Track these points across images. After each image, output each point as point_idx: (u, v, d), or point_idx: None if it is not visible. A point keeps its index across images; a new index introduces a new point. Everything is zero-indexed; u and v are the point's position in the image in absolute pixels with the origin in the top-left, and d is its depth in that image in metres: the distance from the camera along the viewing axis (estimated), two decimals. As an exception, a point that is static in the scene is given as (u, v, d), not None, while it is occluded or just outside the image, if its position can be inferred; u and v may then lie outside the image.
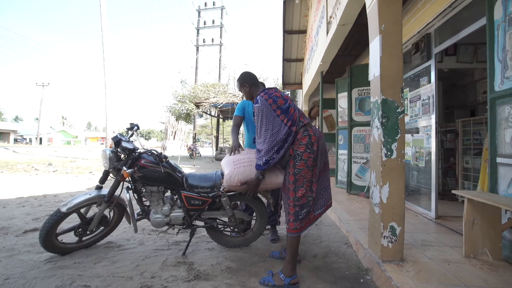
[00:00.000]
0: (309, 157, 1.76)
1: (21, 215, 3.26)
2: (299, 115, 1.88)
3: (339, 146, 5.12)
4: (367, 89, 4.41)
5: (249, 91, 2.06)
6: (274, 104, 1.82)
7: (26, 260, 2.02)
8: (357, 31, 4.21)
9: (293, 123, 1.81)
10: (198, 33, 19.57)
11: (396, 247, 1.82)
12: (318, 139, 1.81)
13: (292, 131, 1.79)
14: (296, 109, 1.91)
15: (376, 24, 1.90)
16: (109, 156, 2.07)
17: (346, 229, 2.65)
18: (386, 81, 1.87)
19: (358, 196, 4.26)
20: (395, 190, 1.83)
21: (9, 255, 2.09)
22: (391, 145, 1.84)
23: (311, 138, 1.78)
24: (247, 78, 2.09)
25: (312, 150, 1.77)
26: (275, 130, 1.78)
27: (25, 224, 2.90)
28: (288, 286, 1.68)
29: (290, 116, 1.81)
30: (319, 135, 1.85)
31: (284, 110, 1.82)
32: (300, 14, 6.19)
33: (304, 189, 1.75)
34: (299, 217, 1.74)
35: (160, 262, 2.00)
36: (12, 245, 2.30)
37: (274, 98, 1.84)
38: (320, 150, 1.82)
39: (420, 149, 3.22)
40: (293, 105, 1.92)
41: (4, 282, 1.69)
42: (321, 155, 1.84)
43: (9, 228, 2.73)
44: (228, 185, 1.93)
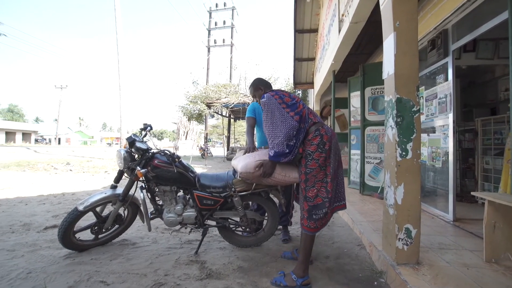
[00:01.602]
0: (320, 157, 1.74)
1: (42, 212, 3.40)
2: (308, 112, 1.86)
3: (351, 146, 5.03)
4: (380, 88, 4.31)
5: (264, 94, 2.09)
6: (279, 99, 1.85)
7: (47, 255, 2.10)
8: (370, 29, 4.13)
9: (302, 119, 1.80)
10: (209, 34, 19.76)
11: (411, 250, 1.77)
12: (330, 138, 1.79)
13: (301, 128, 1.78)
14: (306, 107, 1.90)
15: (390, 22, 1.86)
16: (124, 156, 2.13)
17: (359, 230, 2.60)
18: (401, 79, 1.82)
19: (371, 197, 4.17)
20: (411, 191, 1.78)
21: (31, 250, 2.19)
22: (406, 145, 1.80)
23: (322, 138, 1.76)
24: (263, 82, 2.20)
25: (324, 149, 1.75)
26: (281, 122, 1.78)
27: (45, 221, 3.02)
28: (300, 287, 1.67)
29: (299, 112, 1.81)
30: (332, 134, 1.82)
31: (290, 106, 1.83)
32: (312, 13, 6.13)
33: (315, 190, 1.74)
34: (313, 217, 1.72)
35: (173, 260, 2.04)
36: (33, 240, 2.40)
37: (281, 95, 1.87)
38: (333, 149, 1.80)
39: (436, 149, 3.12)
40: (302, 103, 1.92)
41: (27, 276, 1.77)
42: (335, 155, 1.81)
43: (31, 225, 2.86)
44: (245, 172, 1.92)
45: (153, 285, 1.69)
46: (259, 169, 1.90)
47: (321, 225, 1.75)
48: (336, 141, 1.86)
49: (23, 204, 3.82)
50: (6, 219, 3.05)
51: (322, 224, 1.75)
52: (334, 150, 1.80)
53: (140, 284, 1.69)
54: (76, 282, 1.70)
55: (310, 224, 1.72)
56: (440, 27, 2.93)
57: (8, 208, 3.57)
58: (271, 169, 1.90)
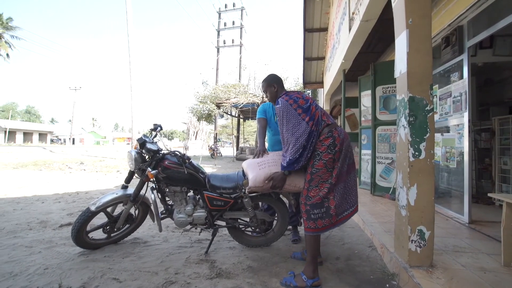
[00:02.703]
0: (329, 158, 1.73)
1: (57, 210, 3.51)
2: (321, 114, 1.85)
3: (362, 146, 4.96)
4: (392, 86, 4.23)
5: (276, 91, 2.10)
6: (295, 104, 1.84)
7: (62, 252, 2.17)
8: (381, 26, 4.06)
9: (315, 122, 1.79)
10: (219, 35, 19.88)
11: (425, 252, 1.73)
12: (342, 141, 1.76)
13: (313, 131, 1.76)
14: (319, 108, 1.89)
15: (403, 19, 1.82)
16: (135, 157, 2.16)
17: (370, 231, 2.56)
18: (414, 78, 1.78)
19: (382, 197, 4.10)
20: (424, 192, 1.74)
21: (48, 247, 2.26)
22: (419, 144, 1.75)
23: (335, 140, 1.74)
24: (277, 79, 2.15)
25: (334, 151, 1.73)
26: (297, 129, 1.78)
27: (60, 218, 3.11)
28: (310, 287, 1.66)
29: (312, 116, 1.80)
30: (344, 136, 1.80)
31: (305, 109, 1.82)
32: (321, 12, 6.07)
33: (318, 189, 1.73)
34: (312, 217, 1.72)
35: (183, 259, 2.06)
36: (50, 237, 2.48)
37: (295, 99, 1.86)
38: (344, 152, 1.77)
39: (451, 149, 3.03)
40: (315, 104, 1.91)
41: (44, 272, 1.83)
42: (345, 158, 1.79)
43: (47, 222, 2.95)
44: (254, 186, 1.93)
45: (164, 283, 1.71)
46: (269, 182, 1.91)
47: (322, 226, 1.72)
48: (349, 144, 1.83)
49: (40, 202, 3.95)
50: (25, 216, 3.17)
51: (323, 225, 1.71)
52: (344, 153, 1.77)
53: (151, 282, 1.72)
54: (90, 279, 1.75)
55: (310, 224, 1.73)
56: (455, 23, 2.85)
57: (26, 205, 3.70)
58: (282, 182, 1.89)
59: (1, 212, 3.33)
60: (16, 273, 1.81)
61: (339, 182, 1.77)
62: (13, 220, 3.01)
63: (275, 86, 2.11)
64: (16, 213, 3.29)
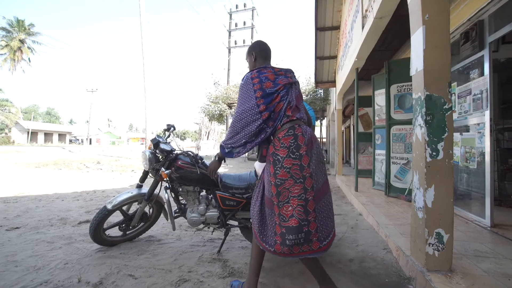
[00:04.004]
0: (293, 165, 1.38)
1: (76, 207, 3.65)
2: (286, 107, 1.50)
3: (376, 146, 4.85)
4: (407, 85, 4.11)
5: (254, 62, 1.73)
6: (258, 84, 1.52)
7: (81, 248, 2.25)
8: (396, 23, 3.95)
9: (270, 114, 1.47)
10: (230, 35, 20.00)
11: (443, 256, 1.67)
12: (308, 142, 1.43)
13: (267, 127, 1.48)
14: (285, 100, 1.53)
15: (419, 15, 1.77)
16: (149, 157, 2.21)
17: (385, 233, 2.50)
18: (431, 75, 1.72)
19: (397, 199, 3.99)
20: (442, 193, 1.68)
21: (68, 243, 2.35)
22: (437, 144, 1.70)
23: (297, 139, 1.41)
24: (257, 48, 1.74)
25: (298, 155, 1.39)
26: (248, 116, 1.49)
27: (79, 216, 3.23)
28: None
29: (271, 106, 1.48)
30: (311, 137, 1.47)
31: (266, 95, 1.49)
32: (333, 10, 5.98)
33: (290, 207, 1.36)
34: (287, 243, 1.35)
35: (196, 258, 2.09)
36: (69, 234, 2.58)
37: (262, 78, 1.54)
38: (315, 157, 1.44)
39: (470, 149, 2.92)
40: (286, 91, 1.55)
41: (64, 266, 1.91)
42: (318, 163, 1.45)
43: (67, 219, 3.07)
44: None
45: (177, 280, 1.74)
46: None
47: (299, 252, 1.37)
48: (319, 149, 1.50)
49: (60, 200, 4.12)
50: (46, 213, 3.31)
51: (300, 250, 1.36)
52: (315, 159, 1.44)
53: (165, 279, 1.76)
54: (107, 274, 1.80)
55: (284, 250, 1.37)
56: (475, 18, 2.73)
57: (47, 203, 3.87)
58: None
59: (25, 209, 3.50)
60: (39, 267, 1.90)
61: (320, 198, 1.42)
62: (36, 216, 3.16)
63: (254, 55, 1.73)
64: (38, 210, 3.45)
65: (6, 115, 33.05)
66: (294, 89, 1.62)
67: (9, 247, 2.25)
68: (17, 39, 33.12)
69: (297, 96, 1.62)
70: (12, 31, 33.41)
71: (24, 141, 34.99)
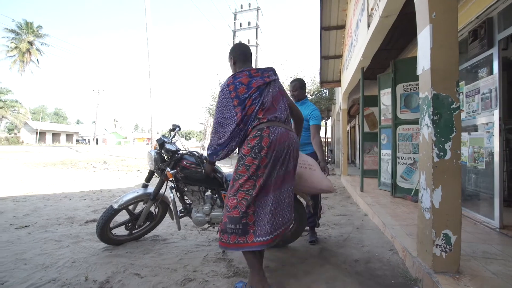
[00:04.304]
0: (252, 164, 1.46)
1: (83, 207, 3.70)
2: (258, 110, 1.56)
3: (382, 146, 4.81)
4: (414, 84, 4.06)
5: (234, 66, 1.78)
6: (233, 92, 1.58)
7: (88, 247, 2.28)
8: (402, 22, 3.91)
9: (243, 119, 1.55)
10: (235, 36, 20.03)
11: (451, 257, 1.64)
12: (272, 144, 1.48)
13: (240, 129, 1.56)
14: (257, 102, 1.57)
15: (426, 13, 1.74)
16: (154, 157, 2.23)
17: (391, 234, 2.48)
18: (438, 74, 1.70)
19: (404, 199, 3.95)
20: (449, 194, 1.65)
21: (75, 242, 2.39)
22: (444, 144, 1.67)
23: (261, 141, 1.47)
24: (235, 51, 1.79)
25: (259, 155, 1.46)
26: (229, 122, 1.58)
27: (86, 215, 3.28)
28: None
29: (244, 109, 1.55)
30: (279, 139, 1.50)
31: (241, 101, 1.56)
32: (338, 9, 5.95)
33: (235, 200, 1.47)
34: (227, 230, 1.47)
35: (201, 257, 2.10)
36: (77, 233, 2.62)
37: (237, 84, 1.60)
38: (274, 158, 1.49)
39: (479, 149, 2.87)
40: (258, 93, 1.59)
41: (71, 265, 1.94)
42: (275, 165, 1.50)
43: (74, 218, 3.12)
44: None
45: (183, 280, 1.75)
46: None
47: (234, 243, 1.45)
48: (289, 149, 1.54)
49: (67, 199, 4.18)
50: (54, 212, 3.36)
51: (236, 241, 1.45)
52: (274, 160, 1.49)
53: (171, 279, 1.77)
54: (114, 273, 1.82)
55: (223, 237, 1.48)
56: (484, 15, 2.69)
57: (55, 202, 3.93)
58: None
59: (33, 208, 3.56)
60: (48, 265, 1.93)
61: (264, 195, 1.49)
62: (44, 215, 3.21)
63: (233, 59, 1.78)
64: (46, 209, 3.51)
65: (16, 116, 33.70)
66: (272, 88, 1.65)
67: (18, 245, 2.29)
68: (26, 41, 33.76)
69: (274, 95, 1.65)
70: (21, 33, 34.07)
71: (33, 141, 35.63)
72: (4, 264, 1.94)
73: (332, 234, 2.73)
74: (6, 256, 2.07)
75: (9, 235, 2.53)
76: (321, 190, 1.99)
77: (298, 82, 2.64)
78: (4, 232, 2.60)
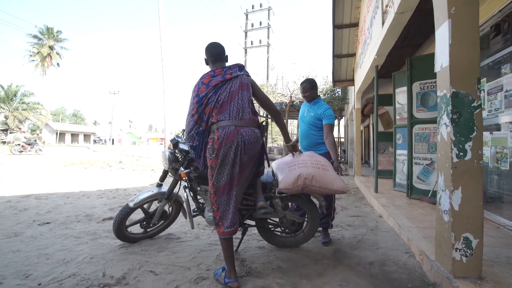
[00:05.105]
0: (209, 164, 1.65)
1: (100, 205, 3.82)
2: (212, 109, 1.64)
3: (397, 146, 4.68)
4: (431, 82, 3.93)
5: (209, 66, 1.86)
6: (196, 91, 1.69)
7: (105, 244, 2.35)
8: (418, 18, 3.79)
9: (201, 117, 1.66)
10: (246, 36, 20.08)
11: (472, 262, 1.58)
12: (220, 145, 1.59)
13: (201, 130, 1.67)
14: (212, 101, 1.64)
15: (444, 8, 1.68)
16: (168, 157, 2.27)
17: (407, 236, 2.41)
18: (457, 71, 1.64)
19: (420, 201, 3.83)
20: (470, 196, 1.59)
21: (93, 239, 2.47)
22: (465, 144, 1.61)
23: (213, 143, 1.62)
24: (205, 53, 1.84)
25: (212, 157, 1.62)
26: (187, 120, 1.72)
27: (103, 213, 3.38)
28: (224, 286, 1.65)
29: (200, 109, 1.65)
30: (226, 139, 1.59)
31: (199, 100, 1.66)
32: (351, 6, 5.84)
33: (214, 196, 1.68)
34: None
35: (214, 256, 2.12)
36: (94, 230, 2.71)
37: (200, 84, 1.70)
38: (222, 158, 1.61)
39: (502, 149, 2.74)
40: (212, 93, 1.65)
41: (90, 261, 2.01)
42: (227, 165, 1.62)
43: (92, 216, 3.23)
44: (284, 188, 1.93)
45: (196, 278, 1.78)
46: (297, 182, 1.89)
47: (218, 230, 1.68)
48: (235, 147, 1.61)
49: (85, 197, 4.33)
50: (73, 210, 3.50)
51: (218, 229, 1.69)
52: (223, 160, 1.61)
53: (184, 277, 1.79)
54: (130, 270, 1.87)
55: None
56: (507, 9, 2.56)
57: (74, 200, 4.08)
58: None
59: (54, 205, 3.72)
60: (68, 260, 2.01)
61: (221, 194, 1.65)
62: (64, 212, 3.34)
63: (206, 61, 1.86)
64: (66, 207, 3.65)
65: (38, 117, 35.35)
66: (233, 84, 1.70)
67: (41, 240, 2.40)
68: (47, 45, 35.28)
69: (232, 91, 1.68)
70: (42, 39, 35.65)
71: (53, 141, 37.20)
72: (29, 258, 2.03)
73: (346, 235, 2.68)
74: (30, 250, 2.17)
75: (33, 231, 2.66)
76: (335, 190, 1.96)
77: (307, 83, 2.61)
78: (28, 228, 2.73)
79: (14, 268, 1.87)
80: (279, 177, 1.99)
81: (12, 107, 33.14)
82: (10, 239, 2.41)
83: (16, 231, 2.63)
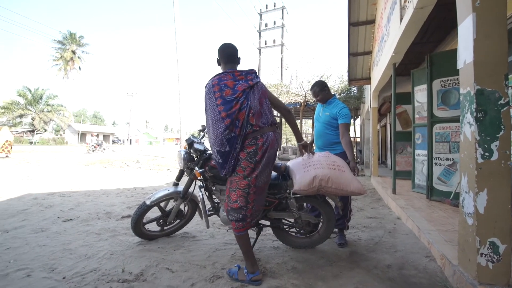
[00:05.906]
0: (247, 166, 1.66)
1: (119, 203, 3.95)
2: (248, 115, 1.63)
3: (416, 146, 4.52)
4: (453, 79, 3.76)
5: (221, 67, 1.87)
6: (218, 92, 1.66)
7: (124, 241, 2.43)
8: (439, 13, 3.65)
9: (234, 122, 1.61)
10: (260, 36, 20.10)
11: (499, 269, 1.50)
12: (265, 151, 1.68)
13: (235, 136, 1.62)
14: (246, 107, 1.63)
15: (468, 1, 1.61)
16: (184, 157, 2.31)
17: (428, 240, 2.32)
18: (483, 67, 1.56)
19: (441, 203, 3.68)
20: (496, 198, 1.51)
21: (112, 235, 2.56)
22: (491, 144, 1.53)
23: (257, 148, 1.66)
24: (219, 53, 1.86)
25: (254, 160, 1.66)
26: (213, 123, 1.66)
27: (122, 210, 3.50)
28: (249, 281, 1.69)
29: (232, 113, 1.60)
30: (269, 145, 1.70)
31: (226, 102, 1.62)
32: (368, 3, 5.70)
33: (235, 195, 1.69)
34: (230, 217, 1.74)
35: (229, 255, 2.14)
36: (114, 227, 2.81)
37: (222, 86, 1.67)
38: (266, 162, 1.70)
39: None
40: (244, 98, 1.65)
41: (110, 257, 2.09)
42: (268, 167, 1.74)
43: (111, 213, 3.35)
44: (299, 189, 1.92)
45: (211, 276, 1.80)
46: (313, 183, 1.88)
47: (235, 228, 1.72)
48: (274, 152, 1.76)
49: (105, 195, 4.49)
50: (94, 207, 3.64)
51: (236, 227, 1.72)
52: (266, 164, 1.71)
53: (200, 275, 1.82)
54: (147, 267, 1.93)
55: (232, 224, 1.75)
56: (537, 1, 2.41)
57: (95, 198, 4.25)
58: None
59: (76, 202, 3.89)
60: (90, 255, 2.10)
61: (259, 193, 1.73)
62: (86, 210, 3.49)
63: (218, 61, 1.88)
64: (87, 204, 3.81)
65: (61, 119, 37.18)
66: (256, 91, 1.74)
67: (65, 236, 2.52)
68: (69, 50, 37.01)
69: (259, 98, 1.74)
70: (66, 43, 37.42)
71: (75, 142, 38.90)
72: (54, 252, 2.14)
73: (362, 237, 2.62)
74: (55, 245, 2.28)
75: (57, 227, 2.79)
76: (351, 192, 1.92)
77: (316, 86, 2.58)
78: (53, 224, 2.87)
79: (41, 262, 1.97)
80: (294, 178, 1.98)
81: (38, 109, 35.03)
82: (37, 234, 2.55)
83: (42, 226, 2.78)
